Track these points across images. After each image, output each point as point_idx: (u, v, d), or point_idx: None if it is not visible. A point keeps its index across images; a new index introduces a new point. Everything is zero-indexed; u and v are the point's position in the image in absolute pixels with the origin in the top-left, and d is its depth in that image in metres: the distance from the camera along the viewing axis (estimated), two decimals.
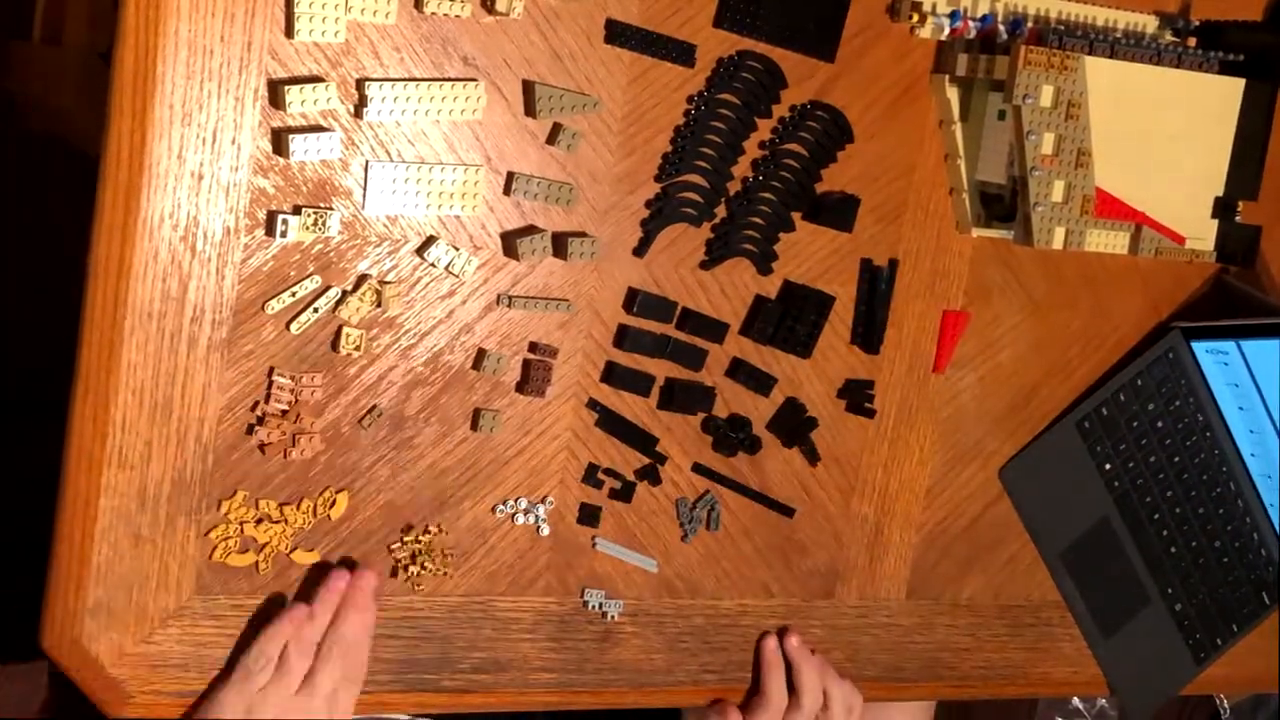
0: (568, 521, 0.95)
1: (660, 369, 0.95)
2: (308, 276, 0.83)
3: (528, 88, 0.87)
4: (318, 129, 0.81)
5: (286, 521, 0.86)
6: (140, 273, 0.79)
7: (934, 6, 0.97)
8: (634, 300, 0.93)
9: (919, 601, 1.10)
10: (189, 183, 0.79)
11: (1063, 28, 0.99)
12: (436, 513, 0.91)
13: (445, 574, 0.91)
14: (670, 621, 1.00)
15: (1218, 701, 1.64)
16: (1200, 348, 1.15)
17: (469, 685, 0.94)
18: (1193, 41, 1.05)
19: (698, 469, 0.98)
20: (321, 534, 0.88)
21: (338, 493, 0.87)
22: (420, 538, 0.90)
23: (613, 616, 0.96)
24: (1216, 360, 1.15)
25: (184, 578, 0.85)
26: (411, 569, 0.89)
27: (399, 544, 0.90)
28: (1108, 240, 0.99)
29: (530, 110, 0.87)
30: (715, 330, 0.95)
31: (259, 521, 0.85)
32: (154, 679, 0.85)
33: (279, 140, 0.81)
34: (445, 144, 0.85)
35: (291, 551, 0.87)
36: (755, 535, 1.02)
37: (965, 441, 1.09)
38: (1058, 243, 0.96)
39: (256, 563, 0.86)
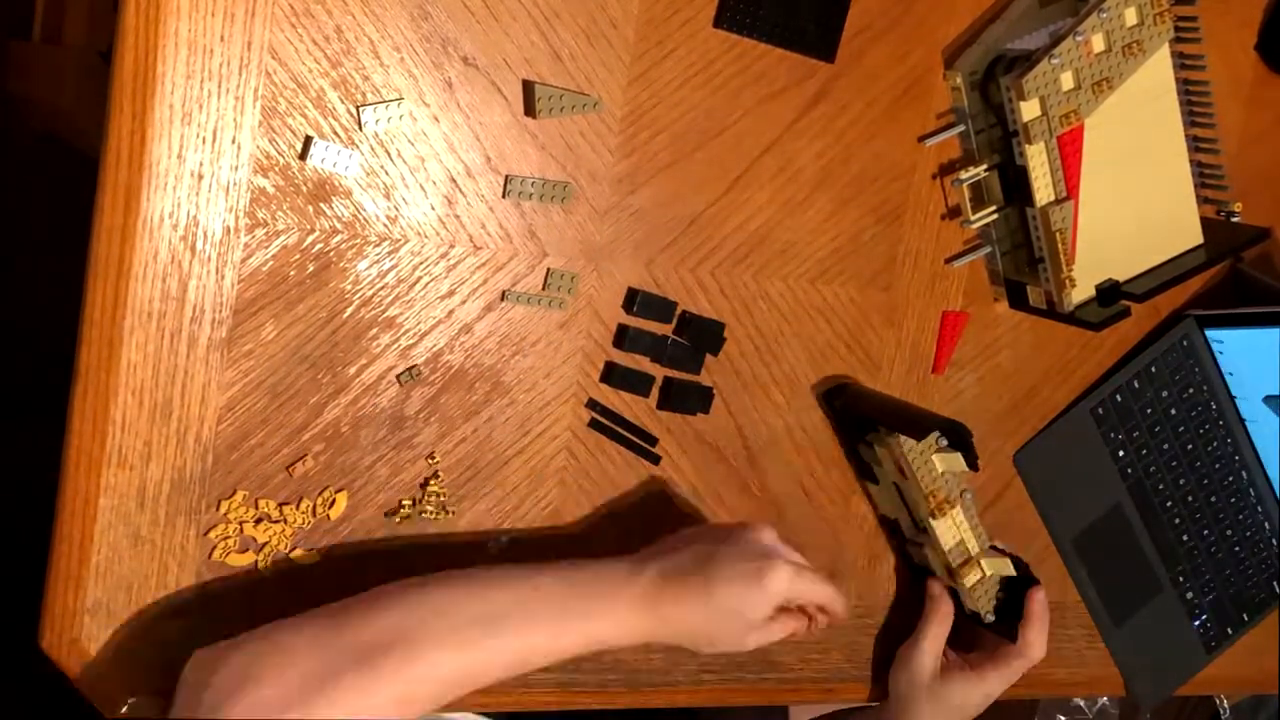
0: (567, 521, 0.95)
1: (660, 369, 0.95)
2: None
3: (527, 88, 0.87)
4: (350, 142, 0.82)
5: (286, 521, 0.86)
6: (140, 272, 0.79)
7: None
8: (634, 300, 0.93)
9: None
10: (189, 182, 0.79)
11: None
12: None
13: (447, 515, 0.91)
14: None
15: (1217, 702, 1.64)
16: (1214, 335, 1.15)
17: None
18: None
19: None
20: (321, 533, 0.88)
21: (337, 492, 0.87)
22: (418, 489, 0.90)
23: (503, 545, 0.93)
24: (1230, 348, 1.15)
25: (183, 577, 0.85)
26: (412, 511, 0.90)
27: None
28: (1042, 173, 0.98)
29: (530, 110, 0.87)
30: (714, 330, 0.95)
31: (258, 521, 0.85)
32: (153, 679, 0.85)
33: (308, 144, 0.81)
34: (445, 144, 0.85)
35: (291, 551, 0.87)
36: None
37: None
38: (1028, 115, 0.96)
39: (256, 562, 0.86)
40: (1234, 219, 1.14)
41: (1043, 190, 0.98)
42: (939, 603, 1.05)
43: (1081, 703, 1.84)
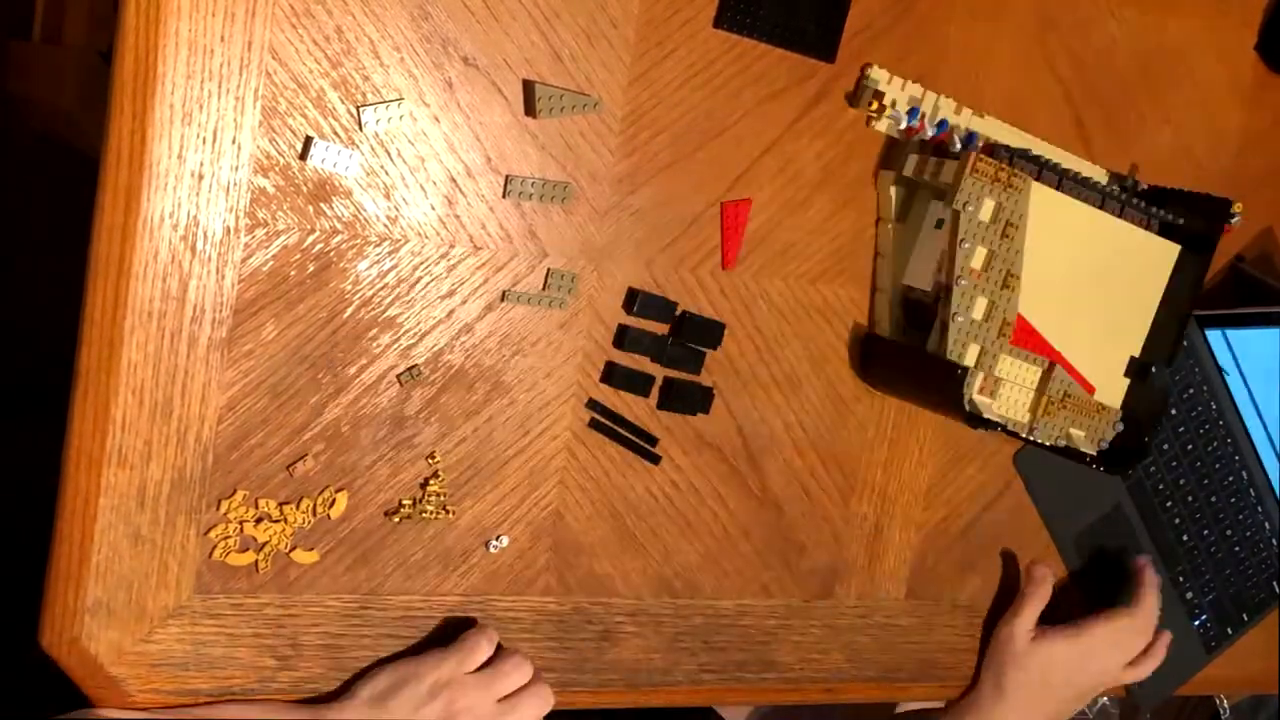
0: (567, 521, 0.95)
1: (660, 368, 0.95)
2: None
3: (528, 88, 0.87)
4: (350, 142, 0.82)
5: (286, 521, 0.86)
6: (140, 272, 0.79)
7: (893, 102, 0.96)
8: (634, 300, 0.93)
9: (918, 602, 1.10)
10: (189, 182, 0.79)
11: (1016, 150, 0.96)
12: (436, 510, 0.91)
13: (447, 515, 0.91)
14: (669, 621, 1.00)
15: (1218, 702, 1.64)
16: (1214, 335, 1.15)
17: None
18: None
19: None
20: (321, 533, 0.88)
21: (337, 492, 0.87)
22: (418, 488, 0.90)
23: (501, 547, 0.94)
24: (1230, 348, 1.15)
25: (183, 577, 0.85)
26: (412, 511, 0.90)
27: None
28: (1019, 371, 0.96)
29: (530, 110, 0.87)
30: (714, 330, 0.95)
31: (258, 521, 0.85)
32: (153, 678, 0.85)
33: (307, 144, 0.81)
34: (445, 144, 0.86)
35: (291, 551, 0.87)
36: (754, 535, 1.02)
37: (964, 442, 1.09)
38: (970, 359, 0.94)
39: (256, 562, 0.86)
40: (1233, 220, 1.13)
41: (1030, 378, 0.97)
42: (1039, 585, 1.07)
43: None
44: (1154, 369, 1.01)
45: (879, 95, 0.96)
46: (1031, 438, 0.97)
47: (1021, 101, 1.04)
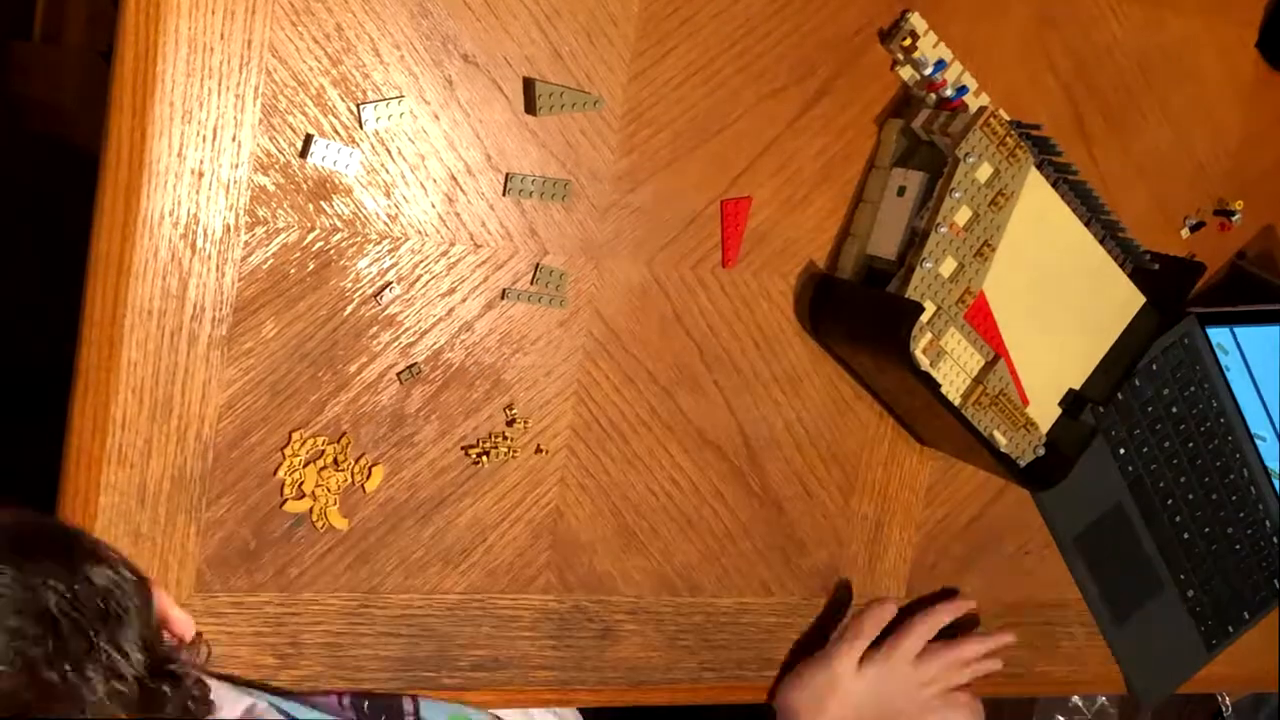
0: (567, 519, 0.95)
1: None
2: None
3: (528, 85, 0.87)
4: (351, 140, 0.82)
5: (339, 470, 0.86)
6: (140, 270, 0.79)
7: (921, 52, 0.96)
8: None
9: (919, 600, 1.10)
10: (189, 180, 0.79)
11: (1026, 126, 0.95)
12: (436, 510, 0.91)
13: (511, 456, 0.91)
14: (669, 619, 1.00)
15: (1219, 700, 1.64)
16: (1215, 333, 1.15)
17: (468, 683, 0.94)
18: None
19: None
20: (355, 501, 0.87)
21: (373, 466, 0.87)
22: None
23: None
24: (1230, 346, 1.15)
25: (183, 575, 0.85)
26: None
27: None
28: (964, 352, 0.94)
29: (530, 108, 0.87)
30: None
31: (320, 467, 0.86)
32: None
33: (308, 143, 0.81)
34: (445, 141, 0.86)
35: (329, 509, 0.87)
36: (755, 534, 1.02)
37: None
38: (924, 317, 0.92)
39: (310, 511, 0.86)
40: (1233, 218, 1.14)
41: (972, 363, 0.96)
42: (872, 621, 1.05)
43: (1080, 702, 1.84)
44: (1087, 409, 1.00)
45: (913, 36, 0.95)
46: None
47: (1022, 99, 1.04)
